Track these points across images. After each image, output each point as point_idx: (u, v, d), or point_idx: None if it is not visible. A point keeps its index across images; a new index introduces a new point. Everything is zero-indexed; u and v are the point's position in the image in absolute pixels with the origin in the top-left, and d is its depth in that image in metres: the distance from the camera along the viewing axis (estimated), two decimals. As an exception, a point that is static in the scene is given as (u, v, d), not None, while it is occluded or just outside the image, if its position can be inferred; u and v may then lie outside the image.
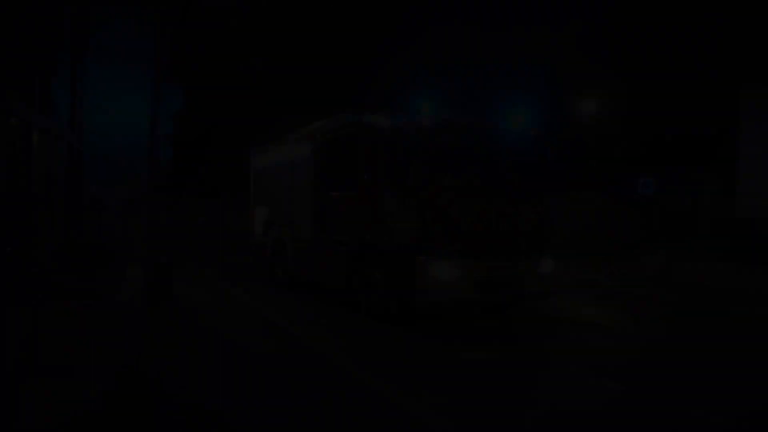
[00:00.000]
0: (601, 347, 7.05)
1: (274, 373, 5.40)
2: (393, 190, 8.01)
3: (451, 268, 7.38)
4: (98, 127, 7.88)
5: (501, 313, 9.18)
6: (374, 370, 5.61)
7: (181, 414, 4.16)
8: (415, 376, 5.64)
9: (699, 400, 5.02)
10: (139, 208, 8.26)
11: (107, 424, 3.90)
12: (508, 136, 8.69)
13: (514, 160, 8.93)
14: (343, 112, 9.91)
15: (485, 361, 6.30)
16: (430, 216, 7.39)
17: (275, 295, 10.67)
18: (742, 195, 15.08)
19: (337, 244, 9.38)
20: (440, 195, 7.44)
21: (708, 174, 18.56)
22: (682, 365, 6.29)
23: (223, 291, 10.64)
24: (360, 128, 8.78)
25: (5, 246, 4.92)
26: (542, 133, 9.09)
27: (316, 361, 5.89)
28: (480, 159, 8.73)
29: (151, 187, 8.82)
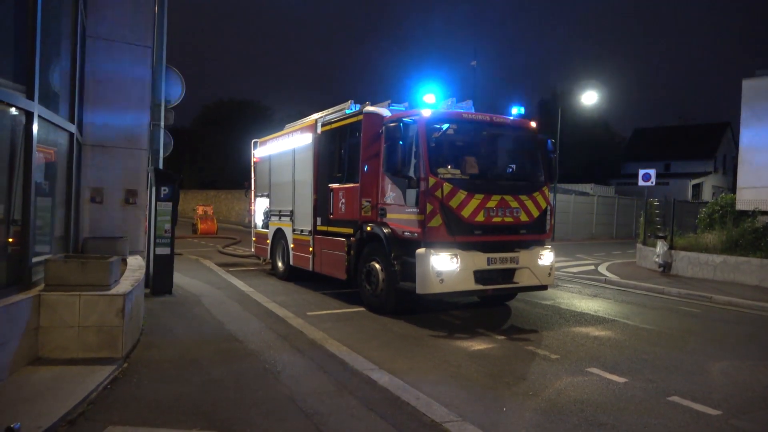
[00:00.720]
0: (604, 339, 7.04)
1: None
2: (395, 181, 7.98)
3: (452, 260, 7.37)
4: (99, 116, 7.82)
5: (502, 305, 9.18)
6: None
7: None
8: (414, 370, 5.64)
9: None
10: (139, 198, 8.22)
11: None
12: (510, 127, 8.64)
13: (516, 151, 8.90)
14: (345, 102, 9.86)
15: (488, 352, 6.30)
16: (432, 208, 7.36)
17: (276, 287, 10.67)
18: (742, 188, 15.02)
19: (338, 236, 9.36)
20: (442, 186, 7.40)
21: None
22: (682, 355, 6.28)
23: (224, 282, 10.63)
24: (362, 119, 8.73)
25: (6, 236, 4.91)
26: (545, 124, 9.05)
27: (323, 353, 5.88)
28: (483, 151, 8.69)
29: (151, 177, 8.78)
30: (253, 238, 13.69)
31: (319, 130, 10.22)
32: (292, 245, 11.05)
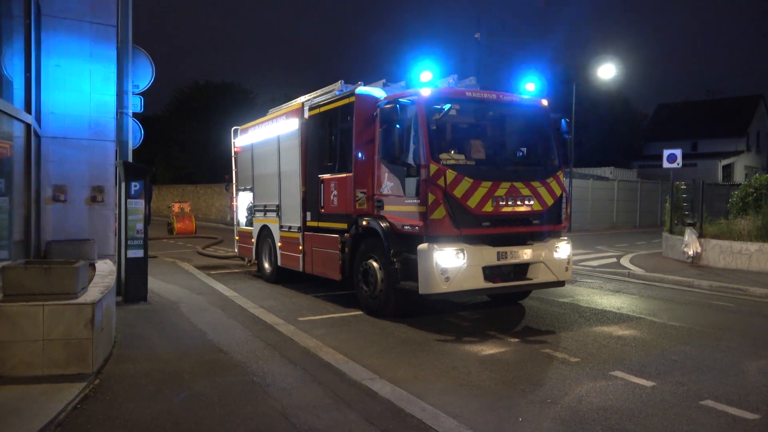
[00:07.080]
0: (628, 339, 7.07)
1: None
2: (392, 169, 7.96)
3: (458, 256, 7.36)
4: (59, 105, 7.78)
5: (515, 304, 9.20)
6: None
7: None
8: (418, 378, 5.65)
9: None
10: (107, 196, 8.19)
11: None
12: (520, 106, 8.62)
13: (527, 133, 8.88)
14: (334, 83, 9.81)
15: (501, 357, 6.32)
16: (435, 198, 7.34)
17: (263, 290, 10.66)
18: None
19: (330, 232, 9.34)
20: (445, 174, 7.38)
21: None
22: (715, 355, 6.31)
23: (205, 286, 10.62)
24: (354, 101, 8.69)
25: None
26: (557, 103, 9.04)
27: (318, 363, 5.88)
28: (489, 133, 8.67)
29: (120, 172, 8.75)
30: (236, 237, 13.67)
31: (306, 115, 10.18)
32: (279, 244, 11.04)
